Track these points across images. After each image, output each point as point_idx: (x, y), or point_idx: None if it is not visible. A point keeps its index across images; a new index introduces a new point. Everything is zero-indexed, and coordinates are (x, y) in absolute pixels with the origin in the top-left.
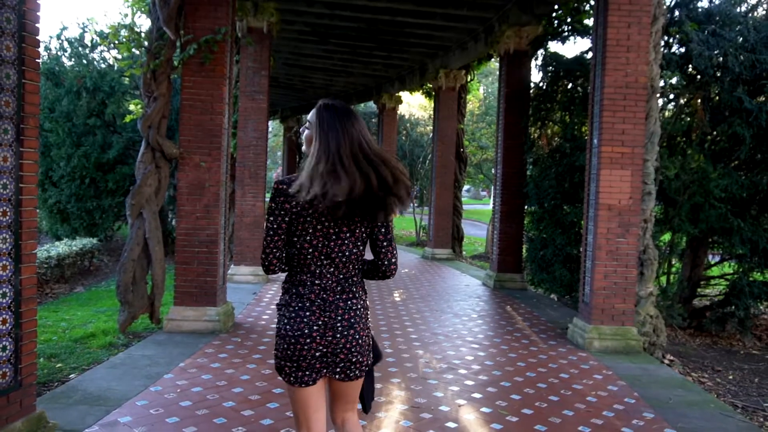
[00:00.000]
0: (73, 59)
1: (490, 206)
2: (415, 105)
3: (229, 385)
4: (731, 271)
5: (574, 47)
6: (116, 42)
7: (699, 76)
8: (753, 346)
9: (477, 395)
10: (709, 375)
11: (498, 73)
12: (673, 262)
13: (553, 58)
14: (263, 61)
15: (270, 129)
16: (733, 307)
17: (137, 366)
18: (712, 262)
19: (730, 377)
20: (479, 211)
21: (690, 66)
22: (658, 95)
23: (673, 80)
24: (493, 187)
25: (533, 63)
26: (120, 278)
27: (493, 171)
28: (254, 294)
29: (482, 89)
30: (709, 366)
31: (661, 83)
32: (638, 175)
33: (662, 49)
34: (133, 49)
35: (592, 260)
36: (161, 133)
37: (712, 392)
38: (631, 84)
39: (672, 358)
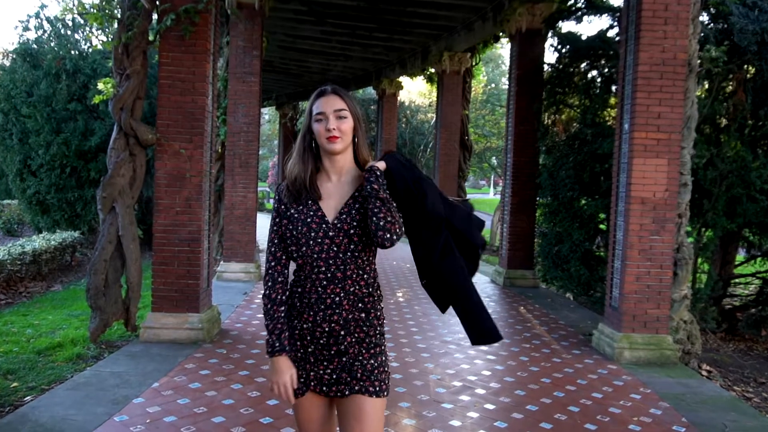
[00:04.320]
0: (53, 40)
1: (490, 195)
2: (415, 92)
3: (209, 413)
4: (765, 269)
5: (593, 25)
6: (83, 12)
7: (738, 54)
8: None
9: (501, 424)
10: (753, 389)
11: (509, 54)
12: (699, 260)
13: (569, 37)
14: (255, 41)
15: (265, 116)
16: None
17: (104, 386)
18: (741, 259)
19: None
20: (480, 201)
21: (727, 42)
22: (695, 74)
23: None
24: (493, 177)
25: (547, 43)
26: (90, 281)
27: (494, 160)
28: (245, 294)
29: (483, 75)
30: (751, 377)
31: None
32: (675, 165)
33: (700, 24)
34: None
35: (622, 260)
36: (135, 116)
37: (763, 411)
38: (668, 61)
39: (709, 368)
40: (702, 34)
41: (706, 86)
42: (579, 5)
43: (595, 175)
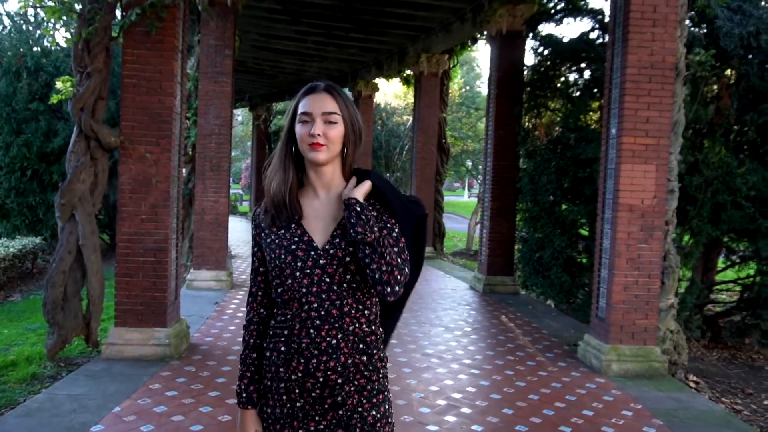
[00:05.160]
0: (13, 36)
1: (465, 198)
2: (391, 94)
3: None
4: (745, 275)
5: (571, 28)
6: (40, 6)
7: (724, 58)
8: None
9: None
10: (742, 401)
11: (489, 56)
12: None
13: (551, 40)
14: (227, 39)
15: (238, 117)
16: (753, 317)
17: (59, 412)
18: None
19: (766, 402)
20: (453, 203)
21: (712, 46)
22: (682, 78)
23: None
24: (467, 179)
25: (528, 45)
26: (48, 294)
27: (468, 162)
28: (216, 304)
29: (460, 78)
30: (738, 388)
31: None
32: (663, 171)
33: (687, 26)
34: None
35: (609, 269)
36: (97, 117)
37: (754, 425)
38: (657, 64)
39: (697, 379)
40: (687, 38)
41: (690, 90)
42: (559, 7)
43: (578, 181)
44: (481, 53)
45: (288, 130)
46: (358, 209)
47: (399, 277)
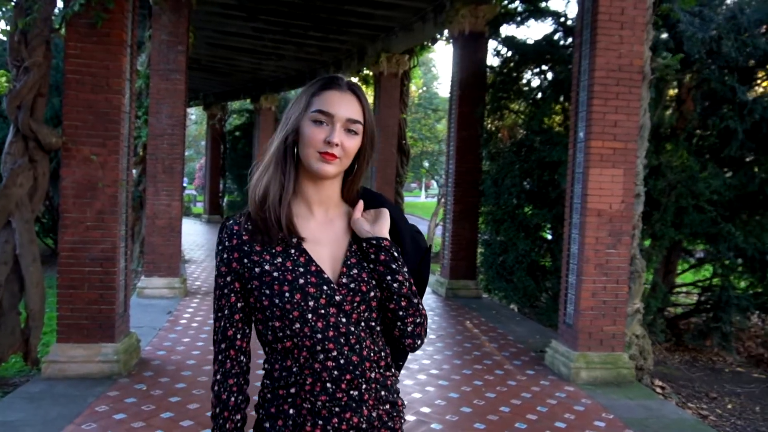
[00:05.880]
0: None
1: (422, 198)
2: None
3: None
4: (702, 277)
5: (539, 29)
6: None
7: (687, 62)
8: (733, 362)
9: None
10: (707, 405)
11: (452, 57)
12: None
13: (514, 41)
14: (180, 35)
15: (192, 116)
16: (714, 319)
17: None
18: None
19: (729, 406)
20: (411, 204)
21: (677, 51)
22: (648, 82)
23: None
24: (424, 180)
25: (492, 46)
26: None
27: (425, 163)
28: (169, 313)
29: (420, 78)
30: (703, 392)
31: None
32: (631, 175)
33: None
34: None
35: (577, 275)
36: (36, 116)
37: (720, 431)
38: (624, 67)
39: (663, 384)
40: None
41: (654, 94)
42: (521, 8)
43: (543, 184)
44: (439, 54)
45: (293, 127)
46: (395, 254)
47: (426, 327)
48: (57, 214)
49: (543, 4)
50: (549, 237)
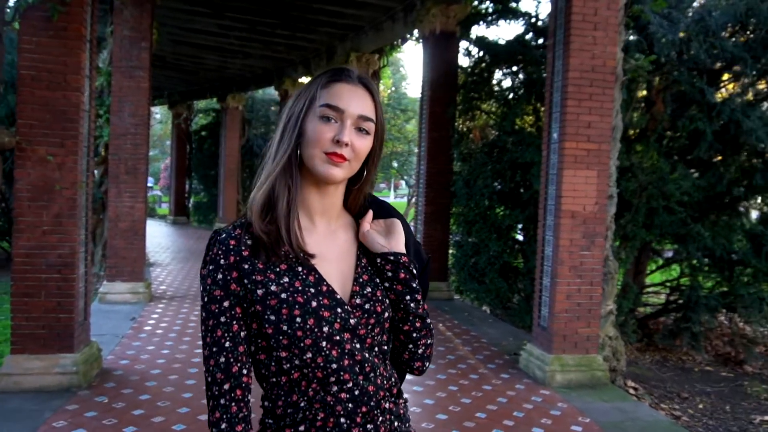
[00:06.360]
0: None
1: (391, 198)
2: None
3: None
4: (671, 277)
5: (510, 30)
6: None
7: (657, 64)
8: (702, 361)
9: None
10: (679, 406)
11: (422, 57)
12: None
13: (486, 41)
14: (144, 31)
15: (157, 115)
16: (684, 320)
17: None
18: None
19: (700, 406)
20: None
21: (648, 52)
22: (620, 83)
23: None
24: (393, 180)
25: (463, 46)
26: None
27: (394, 164)
28: (133, 320)
29: (389, 78)
30: (675, 393)
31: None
32: (605, 177)
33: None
34: None
35: (551, 277)
36: None
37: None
38: (598, 68)
39: (636, 385)
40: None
41: (625, 96)
42: (492, 9)
43: (515, 185)
44: (408, 54)
45: (297, 121)
46: (414, 271)
47: (432, 347)
48: (12, 217)
49: (513, 5)
50: (521, 238)
